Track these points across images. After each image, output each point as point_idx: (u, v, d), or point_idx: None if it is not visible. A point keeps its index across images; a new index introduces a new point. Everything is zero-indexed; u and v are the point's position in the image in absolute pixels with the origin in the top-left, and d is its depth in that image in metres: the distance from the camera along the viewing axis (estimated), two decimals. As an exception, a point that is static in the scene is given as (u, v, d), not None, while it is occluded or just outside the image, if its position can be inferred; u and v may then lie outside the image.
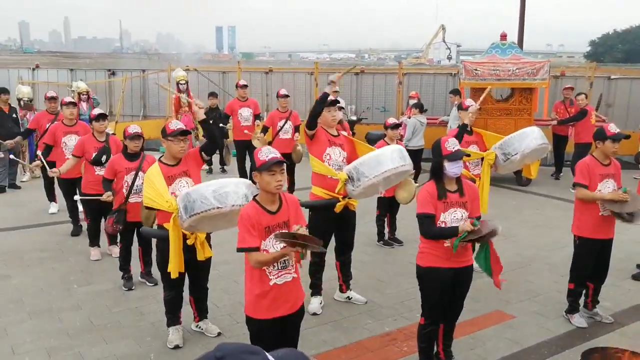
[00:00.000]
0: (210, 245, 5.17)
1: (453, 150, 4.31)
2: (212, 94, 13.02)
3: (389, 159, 5.18)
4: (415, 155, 10.29)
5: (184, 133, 4.99)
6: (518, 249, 7.93)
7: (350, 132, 10.15)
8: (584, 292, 5.81)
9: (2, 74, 18.40)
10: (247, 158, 10.91)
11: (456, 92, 11.64)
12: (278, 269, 3.77)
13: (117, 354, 5.11)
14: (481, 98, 6.73)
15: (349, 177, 5.31)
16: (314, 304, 5.94)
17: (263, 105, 15.37)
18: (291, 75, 16.51)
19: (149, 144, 15.33)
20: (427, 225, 4.32)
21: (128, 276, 6.64)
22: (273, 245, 3.73)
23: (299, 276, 3.96)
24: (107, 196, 6.38)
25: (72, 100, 8.46)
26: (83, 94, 12.60)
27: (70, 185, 8.17)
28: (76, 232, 8.52)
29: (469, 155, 4.58)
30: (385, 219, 8.06)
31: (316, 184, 5.78)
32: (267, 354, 1.44)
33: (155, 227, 5.29)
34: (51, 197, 9.74)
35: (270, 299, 3.77)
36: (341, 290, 6.22)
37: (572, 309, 5.75)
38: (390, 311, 5.95)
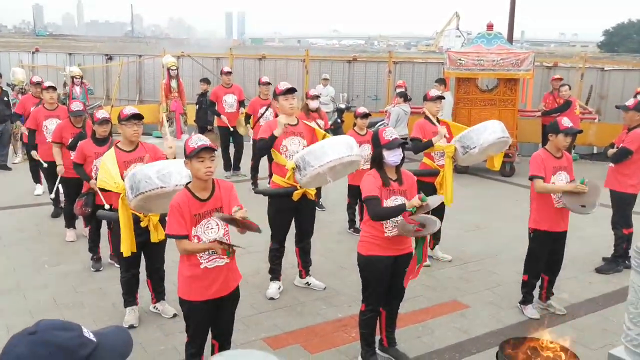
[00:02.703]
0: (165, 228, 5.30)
1: (390, 139, 4.40)
2: (204, 80, 13.10)
3: (334, 150, 5.24)
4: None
5: (136, 117, 5.16)
6: (488, 240, 8.00)
7: (329, 121, 10.23)
8: (538, 284, 5.89)
9: (3, 57, 18.62)
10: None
11: (441, 81, 11.66)
12: (209, 253, 3.88)
13: (73, 333, 5.24)
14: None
15: (296, 166, 5.39)
16: (272, 289, 6.06)
17: (256, 92, 15.46)
18: (284, 62, 16.56)
19: (145, 128, 15.44)
20: (374, 206, 4.37)
21: (96, 257, 6.80)
22: (204, 232, 3.85)
23: (234, 260, 4.06)
24: (94, 184, 6.51)
25: (52, 84, 8.58)
26: (76, 78, 12.78)
27: (52, 168, 8.31)
28: (56, 213, 8.67)
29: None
30: (357, 207, 8.14)
31: (276, 172, 5.88)
32: (84, 330, 1.54)
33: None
34: (36, 178, 9.91)
35: (200, 281, 3.89)
36: (300, 276, 6.33)
37: (526, 300, 5.83)
38: (346, 298, 6.04)
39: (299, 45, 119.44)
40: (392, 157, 4.41)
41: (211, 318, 4.07)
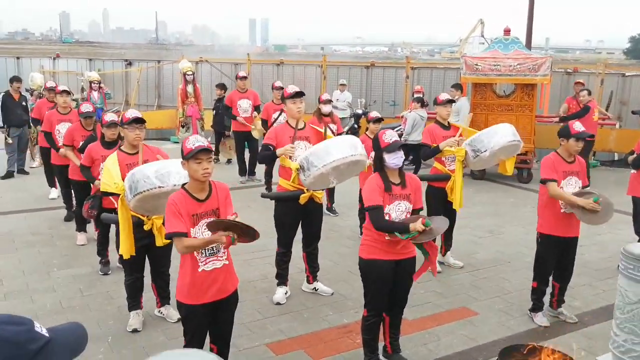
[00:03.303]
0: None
1: (390, 142, 4.33)
2: (220, 85, 13.13)
3: (337, 149, 5.17)
4: (415, 149, 10.26)
5: (138, 121, 5.14)
6: (502, 246, 7.87)
7: (346, 127, 10.18)
8: (549, 291, 5.76)
9: (26, 62, 18.90)
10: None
11: (458, 86, 11.55)
12: (206, 255, 3.84)
13: (77, 336, 5.23)
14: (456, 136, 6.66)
15: (300, 166, 5.33)
16: (278, 294, 6.00)
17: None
18: (302, 67, 16.57)
19: (163, 134, 15.63)
20: (376, 216, 4.32)
21: (105, 261, 6.80)
22: (202, 233, 3.79)
23: (231, 263, 4.02)
24: (98, 184, 6.52)
25: (66, 88, 8.64)
26: (94, 83, 12.90)
27: (65, 172, 8.36)
28: (69, 217, 8.70)
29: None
30: (368, 212, 8.06)
31: (282, 176, 5.82)
32: (36, 325, 1.52)
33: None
34: (51, 182, 9.97)
35: (198, 285, 3.85)
36: (308, 281, 6.26)
37: (536, 307, 5.70)
38: (354, 303, 5.96)
39: (321, 52, 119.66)
40: (392, 159, 4.34)
41: (209, 321, 4.02)
